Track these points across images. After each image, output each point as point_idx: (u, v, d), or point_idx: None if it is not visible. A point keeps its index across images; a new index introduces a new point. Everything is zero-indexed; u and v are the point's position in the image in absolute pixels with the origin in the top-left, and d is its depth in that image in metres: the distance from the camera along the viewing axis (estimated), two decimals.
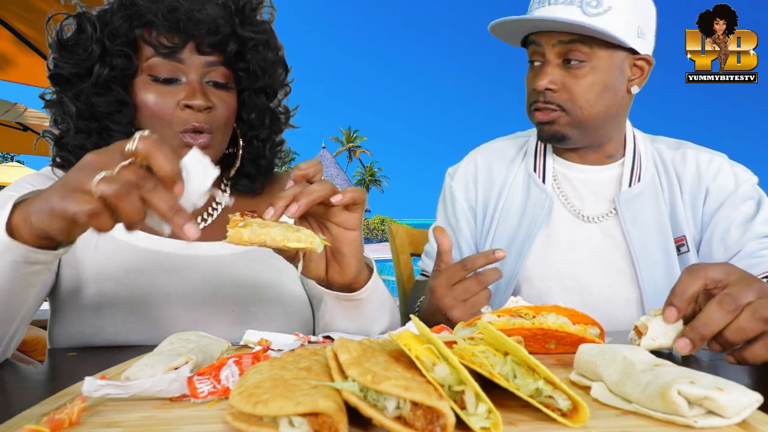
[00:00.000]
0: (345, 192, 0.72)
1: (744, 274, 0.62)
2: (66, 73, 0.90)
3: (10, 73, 3.06)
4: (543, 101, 1.10)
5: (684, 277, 0.62)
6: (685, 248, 1.14)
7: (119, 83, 0.91)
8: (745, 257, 1.07)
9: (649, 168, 1.18)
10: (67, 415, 0.44)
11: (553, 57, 1.09)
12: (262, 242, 0.61)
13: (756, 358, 0.58)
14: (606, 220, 1.17)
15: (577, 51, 1.06)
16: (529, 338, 0.66)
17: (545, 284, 1.18)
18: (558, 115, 1.10)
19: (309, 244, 0.64)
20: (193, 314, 0.90)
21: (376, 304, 0.86)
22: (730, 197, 1.12)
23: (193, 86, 0.90)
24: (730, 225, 1.11)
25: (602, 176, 1.20)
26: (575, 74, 1.08)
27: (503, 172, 1.26)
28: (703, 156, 1.18)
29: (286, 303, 0.98)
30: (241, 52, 0.96)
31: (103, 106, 0.90)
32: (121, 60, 0.89)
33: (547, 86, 1.08)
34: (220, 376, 0.51)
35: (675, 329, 0.62)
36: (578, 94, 1.08)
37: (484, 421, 0.41)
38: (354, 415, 0.41)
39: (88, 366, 0.74)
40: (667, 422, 0.43)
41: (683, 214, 1.15)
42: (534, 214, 1.19)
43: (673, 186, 1.17)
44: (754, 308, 0.57)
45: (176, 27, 0.88)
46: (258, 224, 0.62)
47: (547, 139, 1.15)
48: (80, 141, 0.92)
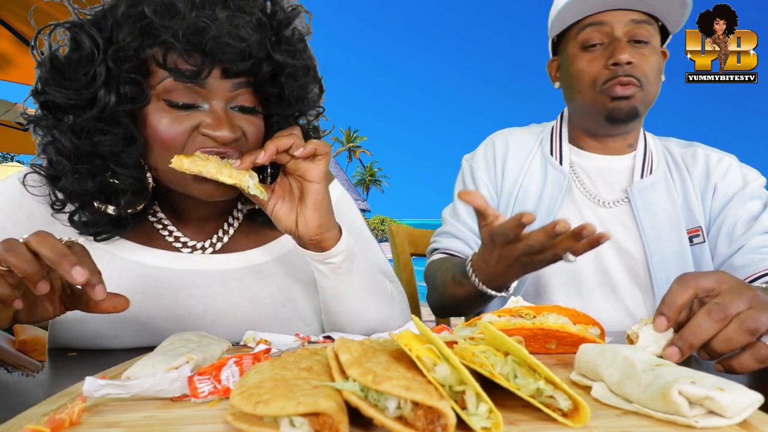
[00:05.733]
0: (307, 144, 0.78)
1: (736, 282, 0.62)
2: (61, 102, 0.74)
3: (10, 73, 3.06)
4: (624, 74, 1.11)
5: (674, 287, 0.62)
6: (700, 239, 1.16)
7: (127, 115, 0.76)
8: (749, 252, 1.09)
9: (660, 163, 1.22)
10: (68, 415, 0.44)
11: (623, 35, 1.12)
12: (199, 172, 0.73)
13: (743, 367, 0.58)
14: (619, 206, 1.19)
15: (645, 30, 1.11)
16: (529, 338, 0.66)
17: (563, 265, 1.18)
18: (635, 90, 1.12)
19: (238, 181, 0.74)
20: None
21: (360, 280, 0.86)
22: (737, 194, 1.15)
23: (217, 115, 0.76)
24: (736, 221, 1.13)
25: (615, 166, 1.23)
26: (643, 52, 1.12)
27: (521, 157, 1.28)
28: (713, 155, 1.21)
29: (303, 318, 0.95)
30: (275, 76, 0.83)
31: (108, 144, 0.75)
32: (130, 88, 0.74)
33: (628, 59, 1.09)
34: (220, 376, 0.51)
35: (666, 337, 0.62)
36: (649, 71, 1.12)
37: (484, 421, 0.41)
38: (355, 415, 0.41)
39: (89, 366, 0.74)
40: (668, 422, 0.43)
41: (697, 204, 1.18)
42: (553, 194, 1.21)
43: (685, 179, 1.20)
44: (742, 319, 0.57)
45: (200, 50, 0.73)
46: (201, 158, 0.74)
47: (623, 116, 1.15)
48: (80, 186, 0.78)
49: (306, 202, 0.80)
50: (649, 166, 1.21)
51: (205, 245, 0.92)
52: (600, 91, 1.14)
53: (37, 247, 0.59)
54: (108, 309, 0.66)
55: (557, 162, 1.24)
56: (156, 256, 0.88)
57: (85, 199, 0.80)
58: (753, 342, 0.57)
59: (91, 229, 0.82)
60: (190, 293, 0.87)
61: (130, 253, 0.87)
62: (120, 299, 0.67)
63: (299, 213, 0.81)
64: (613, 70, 1.11)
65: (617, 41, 1.11)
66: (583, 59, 1.16)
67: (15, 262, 0.58)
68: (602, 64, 1.13)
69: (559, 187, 1.21)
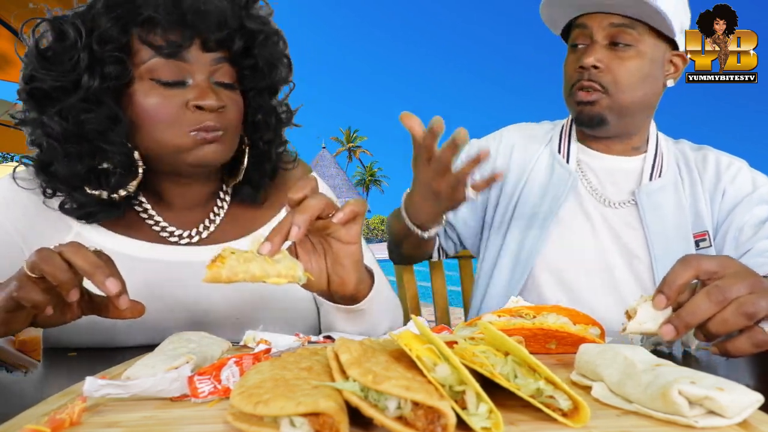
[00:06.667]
0: (344, 207, 0.70)
1: (741, 267, 0.62)
2: (47, 87, 0.79)
3: (10, 73, 3.06)
4: (587, 79, 1.10)
5: (676, 267, 0.62)
6: (706, 243, 1.15)
7: (111, 95, 0.80)
8: (755, 255, 1.08)
9: (671, 166, 1.20)
10: (68, 415, 0.44)
11: (602, 38, 1.09)
12: (242, 280, 0.60)
13: (739, 350, 0.58)
14: (626, 207, 1.18)
15: (626, 34, 1.07)
16: (529, 338, 0.66)
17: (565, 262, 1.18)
18: (600, 96, 1.10)
19: (290, 279, 0.62)
20: (194, 324, 0.89)
21: (379, 310, 0.84)
22: (746, 199, 1.14)
23: (201, 87, 0.82)
24: (743, 225, 1.12)
25: (624, 166, 1.21)
26: (621, 56, 1.08)
27: (528, 151, 1.28)
28: (724, 159, 1.20)
29: (292, 308, 0.95)
30: (248, 48, 0.89)
31: (95, 123, 0.79)
32: (114, 67, 0.79)
33: (594, 63, 1.08)
34: (220, 376, 0.51)
35: (663, 315, 0.62)
36: (622, 76, 1.09)
37: (485, 421, 0.41)
38: (355, 415, 0.41)
39: (89, 366, 0.74)
40: (668, 422, 0.43)
41: (705, 209, 1.16)
42: (557, 190, 1.20)
43: (695, 183, 1.18)
44: (740, 303, 0.57)
45: (181, 22, 0.80)
46: (236, 259, 0.59)
47: (586, 122, 1.14)
48: (71, 168, 0.81)
49: (342, 263, 0.73)
50: (659, 168, 1.19)
51: (192, 234, 0.93)
52: (569, 94, 1.14)
53: (71, 257, 0.62)
54: (125, 315, 0.68)
55: (564, 160, 1.24)
56: (145, 248, 0.89)
57: (76, 182, 0.82)
58: (750, 326, 0.57)
59: (82, 211, 0.84)
60: (182, 284, 0.89)
61: (120, 245, 0.88)
62: (137, 305, 0.68)
63: (332, 272, 0.74)
64: (580, 73, 1.10)
65: (593, 44, 1.10)
66: (569, 58, 1.15)
67: (50, 271, 0.61)
68: (575, 66, 1.12)
69: (564, 184, 1.20)
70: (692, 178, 1.19)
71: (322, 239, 0.73)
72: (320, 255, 0.74)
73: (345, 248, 0.72)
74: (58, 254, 0.62)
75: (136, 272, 0.86)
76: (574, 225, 1.19)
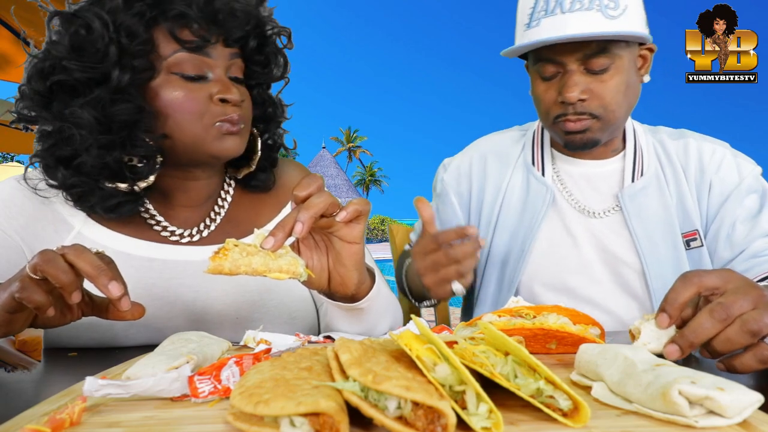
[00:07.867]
0: (347, 206, 0.70)
1: (743, 281, 0.61)
2: (76, 77, 0.79)
3: (10, 73, 3.06)
4: (574, 113, 1.05)
5: (677, 284, 0.62)
6: (697, 242, 1.12)
7: (137, 87, 0.82)
8: (749, 257, 1.07)
9: (651, 161, 1.16)
10: (68, 415, 0.44)
11: (576, 66, 1.04)
12: (244, 273, 0.60)
13: (745, 367, 0.58)
14: (610, 215, 1.15)
15: (602, 59, 1.02)
16: (529, 338, 0.66)
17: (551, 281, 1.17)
18: (590, 123, 1.06)
19: (292, 274, 0.63)
20: (194, 323, 0.89)
21: (379, 310, 0.85)
22: (734, 192, 1.10)
23: (224, 81, 0.85)
24: (735, 221, 1.09)
25: (603, 170, 1.17)
26: (601, 79, 1.04)
27: (500, 169, 1.24)
28: (706, 146, 1.15)
29: (290, 307, 0.96)
30: (260, 45, 0.92)
31: (125, 114, 0.80)
32: (141, 61, 0.80)
33: (579, 97, 1.03)
34: (220, 376, 0.51)
35: (667, 334, 0.62)
36: (609, 99, 1.04)
37: (485, 421, 0.41)
38: (355, 415, 0.41)
39: (89, 366, 0.74)
40: (668, 422, 0.43)
41: (693, 206, 1.13)
42: (535, 207, 1.17)
43: (679, 178, 1.14)
44: (744, 320, 0.56)
45: (213, 19, 0.82)
46: (239, 252, 0.60)
47: (579, 147, 1.10)
48: (101, 159, 0.81)
49: (344, 263, 0.73)
50: (640, 167, 1.15)
51: (192, 233, 0.93)
52: (553, 123, 1.10)
53: (74, 260, 0.63)
54: (126, 317, 0.68)
55: (539, 173, 1.19)
56: (146, 247, 0.90)
57: (104, 174, 0.82)
58: (756, 342, 0.57)
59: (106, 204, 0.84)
60: (181, 282, 0.89)
61: (121, 244, 0.88)
62: (138, 307, 0.69)
63: (334, 271, 0.75)
64: (563, 108, 1.06)
65: (569, 74, 1.04)
66: (540, 87, 1.10)
67: (53, 273, 0.61)
68: (554, 98, 1.06)
69: (542, 201, 1.17)
70: (676, 173, 1.14)
71: (324, 237, 0.74)
72: (322, 253, 0.74)
73: (347, 247, 0.73)
74: (61, 256, 0.63)
75: (136, 271, 0.87)
76: (555, 240, 1.17)
